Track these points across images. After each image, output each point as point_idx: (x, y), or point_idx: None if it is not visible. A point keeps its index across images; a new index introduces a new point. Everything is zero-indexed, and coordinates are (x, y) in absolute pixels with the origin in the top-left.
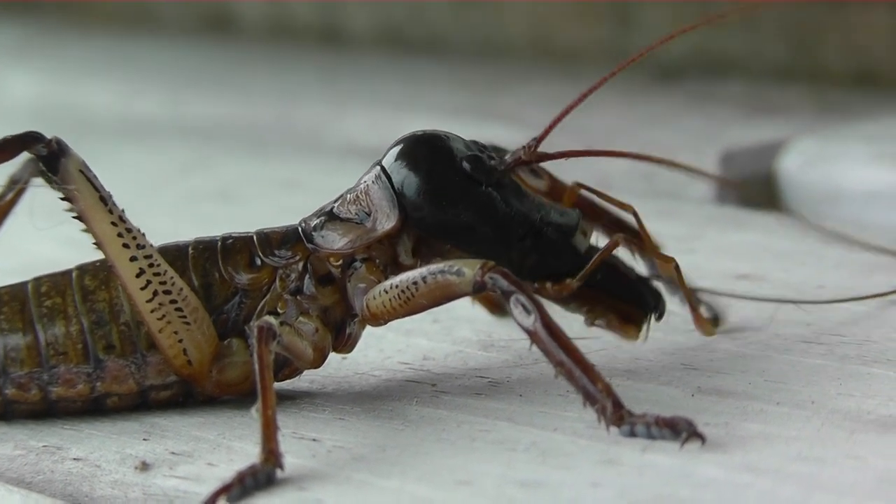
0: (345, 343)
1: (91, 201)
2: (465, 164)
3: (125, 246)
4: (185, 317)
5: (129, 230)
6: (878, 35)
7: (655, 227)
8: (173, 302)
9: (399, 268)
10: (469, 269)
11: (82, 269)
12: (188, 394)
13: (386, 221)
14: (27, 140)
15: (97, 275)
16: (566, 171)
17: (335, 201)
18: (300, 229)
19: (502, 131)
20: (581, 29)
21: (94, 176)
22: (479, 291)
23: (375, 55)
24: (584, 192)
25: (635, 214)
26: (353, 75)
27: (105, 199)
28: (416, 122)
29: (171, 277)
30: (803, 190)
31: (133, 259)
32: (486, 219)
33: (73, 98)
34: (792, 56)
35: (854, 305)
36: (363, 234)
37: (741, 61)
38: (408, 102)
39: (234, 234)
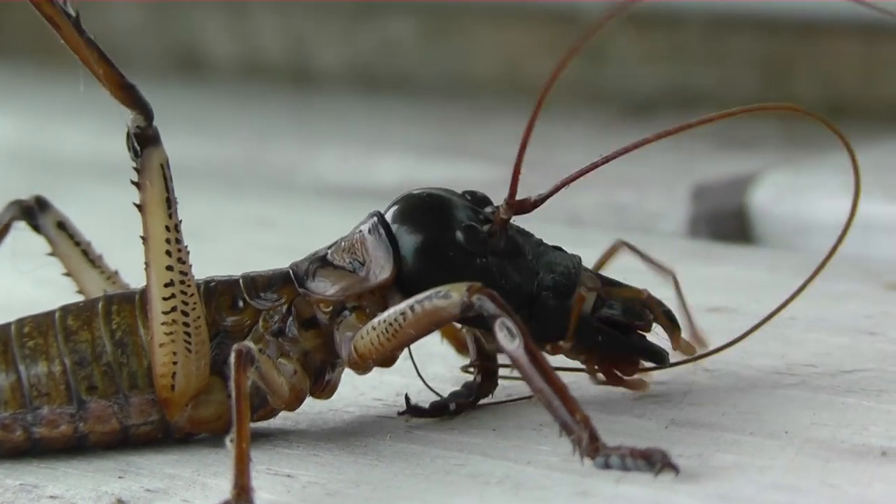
0: (323, 389)
1: (159, 198)
2: (461, 236)
3: (168, 253)
4: (189, 343)
5: (178, 240)
6: (848, 66)
7: (626, 262)
8: (186, 325)
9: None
10: (456, 291)
11: (65, 310)
12: (166, 431)
13: (380, 273)
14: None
15: (80, 315)
16: (539, 209)
17: (329, 247)
18: (291, 273)
19: (474, 169)
20: (551, 65)
21: (171, 177)
22: (466, 313)
23: (346, 94)
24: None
25: (675, 280)
26: (324, 114)
27: (170, 202)
28: (388, 160)
29: (195, 303)
30: (775, 222)
31: (169, 268)
32: (458, 277)
33: (47, 139)
34: (762, 88)
35: (829, 337)
36: (356, 283)
37: (712, 94)
38: (379, 141)
39: (216, 278)
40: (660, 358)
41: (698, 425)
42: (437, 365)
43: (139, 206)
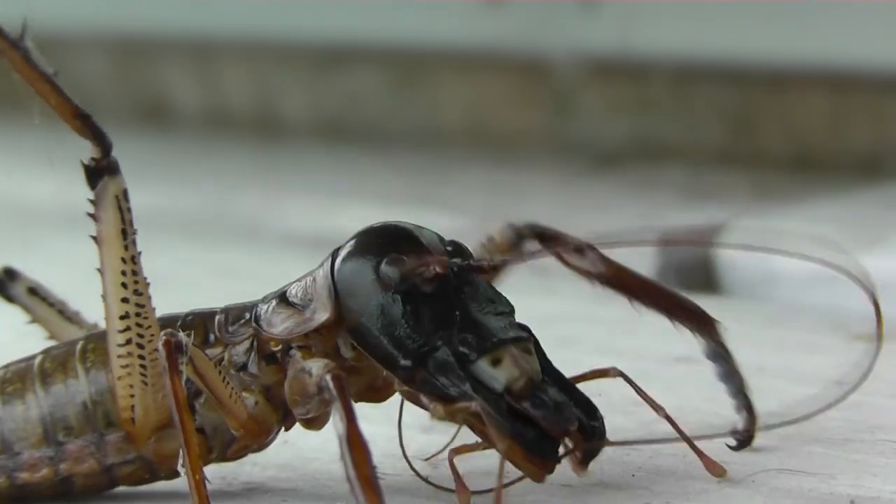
0: (310, 422)
1: (114, 230)
2: (383, 266)
3: (123, 285)
4: (145, 376)
5: (134, 272)
6: (815, 118)
7: (594, 310)
8: (141, 357)
9: (339, 359)
10: (317, 368)
11: (47, 353)
12: (151, 471)
13: (321, 313)
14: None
15: (58, 357)
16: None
17: (290, 283)
18: (256, 308)
19: (440, 220)
20: (517, 116)
21: (128, 208)
22: (320, 393)
23: (312, 144)
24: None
25: (667, 416)
26: (290, 164)
27: (126, 233)
28: (353, 210)
29: (151, 336)
30: (742, 273)
31: (124, 300)
32: (380, 324)
33: (12, 188)
34: (729, 140)
35: (796, 387)
36: (301, 323)
37: (679, 146)
38: (345, 191)
39: (195, 311)
40: (535, 471)
41: (665, 473)
42: (404, 413)
43: (95, 238)
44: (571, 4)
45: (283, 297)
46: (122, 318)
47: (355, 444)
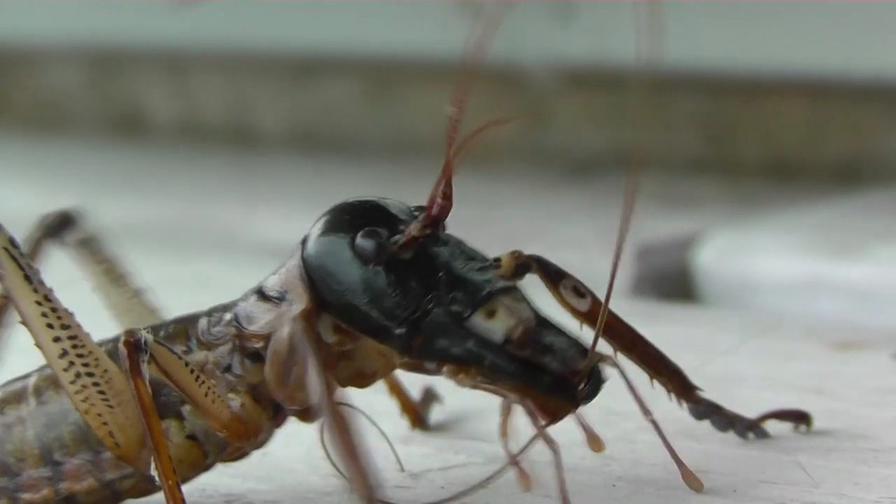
0: (305, 418)
1: (16, 279)
2: (359, 240)
3: (49, 326)
4: (107, 399)
5: (53, 309)
6: (791, 126)
7: (568, 324)
8: (96, 384)
9: (322, 347)
10: (286, 327)
11: (41, 371)
12: (152, 481)
13: (297, 303)
14: None
15: (49, 377)
16: None
17: (266, 277)
18: (235, 307)
19: None
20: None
21: (20, 253)
22: (292, 354)
23: (287, 155)
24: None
25: (654, 423)
26: (265, 175)
27: (29, 277)
28: None
29: (96, 359)
30: (719, 282)
31: (56, 339)
32: (367, 298)
33: None
34: (705, 148)
35: (776, 395)
36: (279, 316)
37: (655, 155)
38: (320, 201)
39: (178, 317)
40: (560, 408)
41: (646, 483)
42: (384, 423)
43: (3, 297)
44: (546, 13)
45: (259, 293)
46: (61, 356)
47: (331, 402)
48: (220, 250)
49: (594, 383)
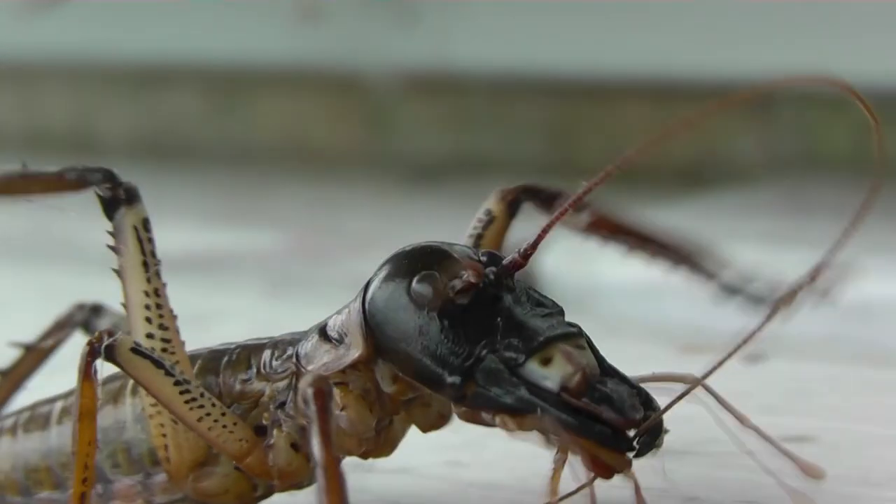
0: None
1: (134, 261)
2: (414, 285)
3: (147, 320)
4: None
5: (159, 305)
6: (635, 129)
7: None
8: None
9: (380, 396)
10: (304, 382)
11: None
12: None
13: (354, 349)
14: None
15: (109, 390)
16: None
17: (330, 316)
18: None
19: (260, 236)
20: (335, 132)
21: (149, 238)
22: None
23: (131, 164)
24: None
25: (757, 429)
26: None
27: (147, 265)
28: (172, 229)
29: (180, 373)
30: (565, 286)
31: (149, 336)
32: (419, 345)
33: None
34: (548, 152)
35: None
36: (336, 359)
37: (499, 159)
38: (166, 211)
39: (245, 343)
40: (616, 461)
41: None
42: None
43: (117, 272)
44: (388, 19)
45: (322, 332)
46: None
47: (330, 471)
48: (64, 259)
49: (650, 437)
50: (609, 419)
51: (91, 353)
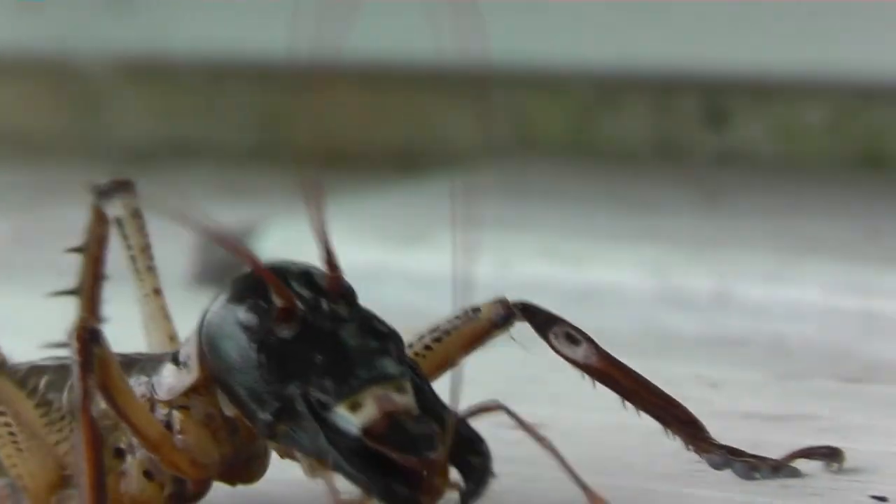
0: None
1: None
2: (240, 315)
3: None
4: (17, 442)
5: None
6: (348, 113)
7: None
8: (7, 425)
9: (224, 420)
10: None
11: None
12: None
13: (190, 373)
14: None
15: None
16: None
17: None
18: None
19: None
20: (46, 119)
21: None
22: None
23: None
24: None
25: (552, 447)
26: None
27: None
28: None
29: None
30: None
31: None
32: (238, 377)
33: None
34: (259, 137)
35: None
36: (178, 382)
37: (210, 144)
38: None
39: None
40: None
41: None
42: None
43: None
44: (101, 5)
45: (174, 355)
46: None
47: (85, 422)
48: None
49: (473, 485)
50: (399, 459)
51: (87, 341)
